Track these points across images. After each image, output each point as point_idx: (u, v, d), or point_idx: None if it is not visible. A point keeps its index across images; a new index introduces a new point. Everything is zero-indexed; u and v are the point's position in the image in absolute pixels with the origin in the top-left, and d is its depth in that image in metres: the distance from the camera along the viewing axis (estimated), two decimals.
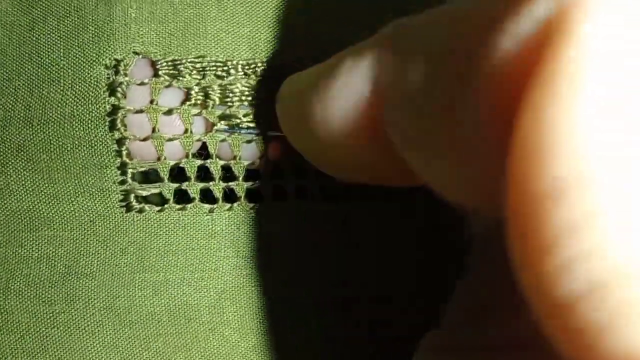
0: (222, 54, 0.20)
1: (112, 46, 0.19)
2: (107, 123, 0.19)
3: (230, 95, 0.20)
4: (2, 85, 0.19)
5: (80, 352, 0.19)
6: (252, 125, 0.20)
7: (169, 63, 0.19)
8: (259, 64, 0.20)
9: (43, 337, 0.19)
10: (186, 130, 0.20)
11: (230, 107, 0.20)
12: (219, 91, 0.20)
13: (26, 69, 0.19)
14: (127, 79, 0.19)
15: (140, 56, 0.19)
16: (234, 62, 0.20)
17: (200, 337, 0.20)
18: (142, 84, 0.19)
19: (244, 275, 0.20)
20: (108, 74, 0.19)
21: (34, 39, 0.19)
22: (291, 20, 0.20)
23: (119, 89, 0.19)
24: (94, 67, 0.19)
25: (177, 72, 0.19)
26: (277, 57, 0.20)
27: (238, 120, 0.20)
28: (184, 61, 0.19)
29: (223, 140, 0.20)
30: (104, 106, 0.19)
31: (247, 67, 0.20)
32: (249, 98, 0.20)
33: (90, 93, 0.19)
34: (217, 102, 0.20)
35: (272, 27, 0.20)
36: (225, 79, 0.20)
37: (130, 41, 0.19)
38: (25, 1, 0.19)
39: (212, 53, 0.20)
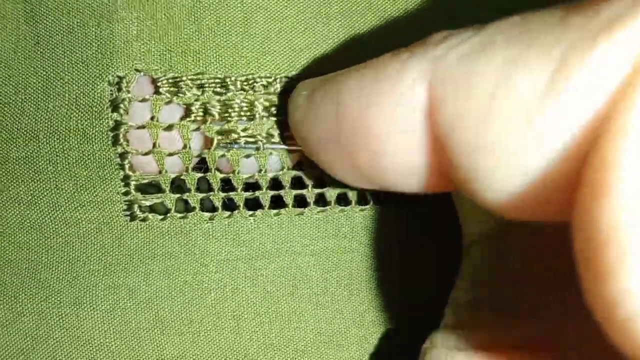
0: (220, 70, 0.20)
1: (114, 63, 0.20)
2: (110, 138, 0.20)
3: (229, 110, 0.20)
4: (9, 98, 0.20)
5: (87, 353, 0.21)
6: (250, 140, 0.21)
7: (170, 80, 0.20)
8: (257, 79, 0.20)
9: (52, 339, 0.21)
10: (185, 146, 0.20)
11: (229, 122, 0.20)
12: (218, 107, 0.20)
13: (32, 83, 0.20)
14: (129, 95, 0.20)
15: (142, 73, 0.20)
16: (233, 78, 0.20)
17: (201, 340, 0.22)
18: (143, 100, 0.20)
19: (241, 277, 0.22)
20: (111, 90, 0.20)
21: (39, 53, 0.19)
22: (291, 35, 0.20)
23: (121, 105, 0.20)
24: (98, 83, 0.20)
25: (177, 89, 0.20)
26: (275, 72, 0.20)
27: (236, 135, 0.20)
28: (184, 78, 0.20)
29: (222, 156, 0.21)
30: (107, 122, 0.20)
31: (245, 83, 0.20)
32: (248, 113, 0.20)
33: (94, 108, 0.20)
34: (217, 118, 0.20)
35: (271, 42, 0.20)
36: (224, 95, 0.20)
37: (132, 59, 0.20)
38: (31, 17, 0.19)
39: (211, 69, 0.20)
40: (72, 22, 0.19)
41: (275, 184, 0.21)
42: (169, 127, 0.20)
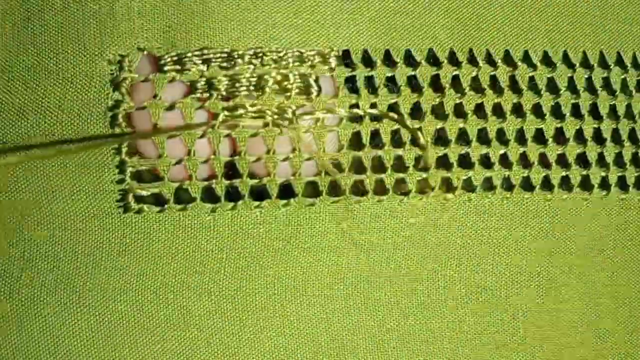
0: (227, 44, 0.19)
1: (115, 41, 0.19)
2: (108, 119, 0.18)
3: (237, 85, 0.19)
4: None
5: (73, 356, 0.18)
6: (259, 115, 0.19)
7: (173, 57, 0.19)
8: (267, 53, 0.19)
9: (34, 342, 0.18)
10: (188, 126, 0.19)
11: (235, 97, 0.19)
12: (224, 81, 0.19)
13: (21, 61, 0.18)
14: (131, 75, 0.19)
15: (145, 52, 0.19)
16: (240, 51, 0.19)
17: (199, 344, 0.19)
18: (146, 80, 0.19)
19: (244, 278, 0.19)
20: (112, 70, 0.19)
21: (30, 29, 0.18)
22: (299, 7, 0.20)
23: (123, 84, 0.19)
24: (97, 61, 0.19)
25: (181, 66, 0.19)
26: (287, 45, 0.19)
27: (243, 111, 0.19)
28: (188, 54, 0.19)
29: (227, 136, 0.19)
30: (107, 102, 0.18)
31: (254, 57, 0.19)
32: (257, 87, 0.19)
33: (93, 88, 0.18)
34: (223, 93, 0.19)
35: (281, 14, 0.19)
36: (230, 69, 0.19)
37: (135, 36, 0.19)
38: None
39: (217, 43, 0.19)
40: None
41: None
42: (172, 106, 0.19)
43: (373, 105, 0.20)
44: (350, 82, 0.20)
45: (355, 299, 0.20)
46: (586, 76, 0.22)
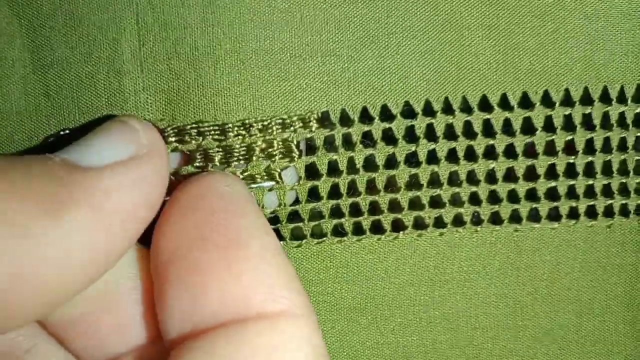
0: (218, 117, 0.22)
1: (124, 114, 0.22)
2: None
3: (228, 156, 0.22)
4: (23, 144, 0.22)
5: None
6: (249, 181, 0.22)
7: (174, 130, 0.22)
8: (253, 123, 0.22)
9: None
10: None
11: (228, 166, 0.22)
12: (219, 152, 0.22)
13: (45, 132, 0.21)
14: None
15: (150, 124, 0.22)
16: (229, 124, 0.22)
17: None
18: None
19: None
20: None
21: (50, 103, 0.21)
22: (283, 74, 0.22)
23: None
24: None
25: (181, 137, 0.22)
26: (271, 114, 0.22)
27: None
28: (187, 127, 0.22)
29: None
30: None
31: (241, 128, 0.22)
32: (246, 156, 0.22)
33: None
34: (217, 163, 0.22)
35: (264, 83, 0.22)
36: (223, 141, 0.22)
37: (140, 110, 0.22)
38: (39, 66, 0.21)
39: (210, 117, 0.22)
40: (80, 74, 0.21)
41: (276, 218, 0.23)
42: (174, 173, 0.22)
43: (350, 160, 0.23)
44: (330, 140, 0.23)
45: (341, 324, 0.24)
46: (565, 113, 0.23)
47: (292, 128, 0.22)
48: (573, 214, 0.25)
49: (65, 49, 0.21)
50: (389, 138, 0.23)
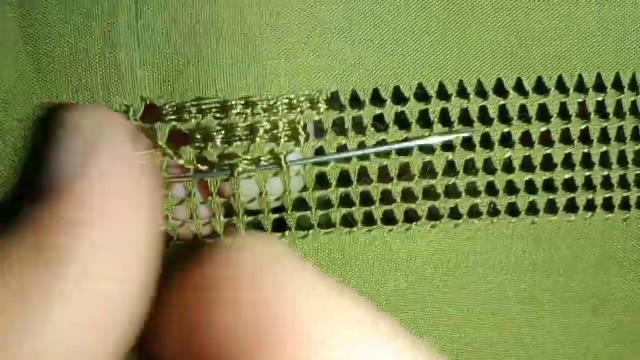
0: (219, 94, 0.20)
1: (120, 91, 0.20)
2: None
3: (229, 134, 0.20)
4: (11, 125, 0.20)
5: None
6: (251, 162, 0.21)
7: (173, 107, 0.20)
8: (257, 102, 0.20)
9: None
10: (188, 170, 0.21)
11: (229, 146, 0.20)
12: (219, 131, 0.20)
13: (37, 111, 0.20)
14: (137, 123, 0.20)
15: (147, 101, 0.20)
16: (232, 101, 0.20)
17: None
18: (150, 128, 0.20)
19: None
20: None
21: (41, 80, 0.20)
22: (289, 52, 0.21)
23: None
24: None
25: (180, 115, 0.20)
26: (276, 93, 0.21)
27: (238, 159, 0.21)
28: (186, 105, 0.20)
29: (225, 180, 0.21)
30: None
31: (245, 106, 0.20)
32: (249, 136, 0.20)
33: None
34: (217, 143, 0.20)
35: (269, 60, 0.20)
36: (224, 119, 0.20)
37: (137, 87, 0.20)
38: (31, 43, 0.20)
39: (210, 93, 0.20)
40: (74, 49, 0.20)
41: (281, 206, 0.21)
42: (173, 154, 0.20)
43: (361, 144, 0.21)
44: (340, 123, 0.21)
45: None
46: (579, 100, 0.22)
47: (298, 109, 0.21)
48: (590, 206, 0.23)
49: (58, 22, 0.20)
50: (401, 122, 0.22)
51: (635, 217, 0.24)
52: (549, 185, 0.23)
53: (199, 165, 0.20)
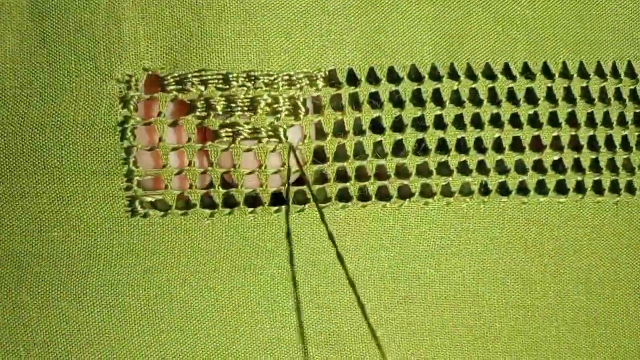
0: (222, 66, 0.21)
1: (123, 62, 0.21)
2: (118, 133, 0.21)
3: (232, 105, 0.21)
4: (14, 92, 0.20)
5: (87, 345, 0.21)
6: (253, 133, 0.21)
7: (175, 78, 0.21)
8: (259, 76, 0.21)
9: (51, 332, 0.21)
10: (189, 139, 0.21)
11: (231, 116, 0.21)
12: (221, 102, 0.21)
13: (38, 78, 0.20)
14: (138, 93, 0.21)
15: (149, 72, 0.21)
16: (234, 74, 0.21)
17: (200, 337, 0.21)
18: (151, 98, 0.21)
19: (241, 275, 0.21)
20: (120, 88, 0.21)
21: (46, 49, 0.20)
22: (292, 31, 0.21)
23: (131, 102, 0.21)
24: (107, 80, 0.21)
25: (182, 86, 0.21)
26: (277, 69, 0.21)
27: (240, 129, 0.21)
28: (188, 75, 0.21)
29: (225, 150, 0.21)
30: (116, 117, 0.21)
31: (247, 79, 0.21)
32: (251, 108, 0.21)
33: (104, 104, 0.21)
34: (220, 112, 0.21)
35: (272, 38, 0.21)
36: (226, 90, 0.21)
37: (140, 58, 0.21)
38: (37, 13, 0.20)
39: (213, 65, 0.21)
40: (78, 20, 0.20)
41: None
42: (174, 123, 0.21)
43: (357, 121, 0.22)
44: (337, 99, 0.22)
45: (342, 295, 0.22)
46: (565, 85, 0.23)
47: (298, 85, 0.21)
48: (580, 188, 0.24)
49: None
50: (396, 101, 0.22)
51: (625, 200, 0.25)
52: (539, 168, 0.24)
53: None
